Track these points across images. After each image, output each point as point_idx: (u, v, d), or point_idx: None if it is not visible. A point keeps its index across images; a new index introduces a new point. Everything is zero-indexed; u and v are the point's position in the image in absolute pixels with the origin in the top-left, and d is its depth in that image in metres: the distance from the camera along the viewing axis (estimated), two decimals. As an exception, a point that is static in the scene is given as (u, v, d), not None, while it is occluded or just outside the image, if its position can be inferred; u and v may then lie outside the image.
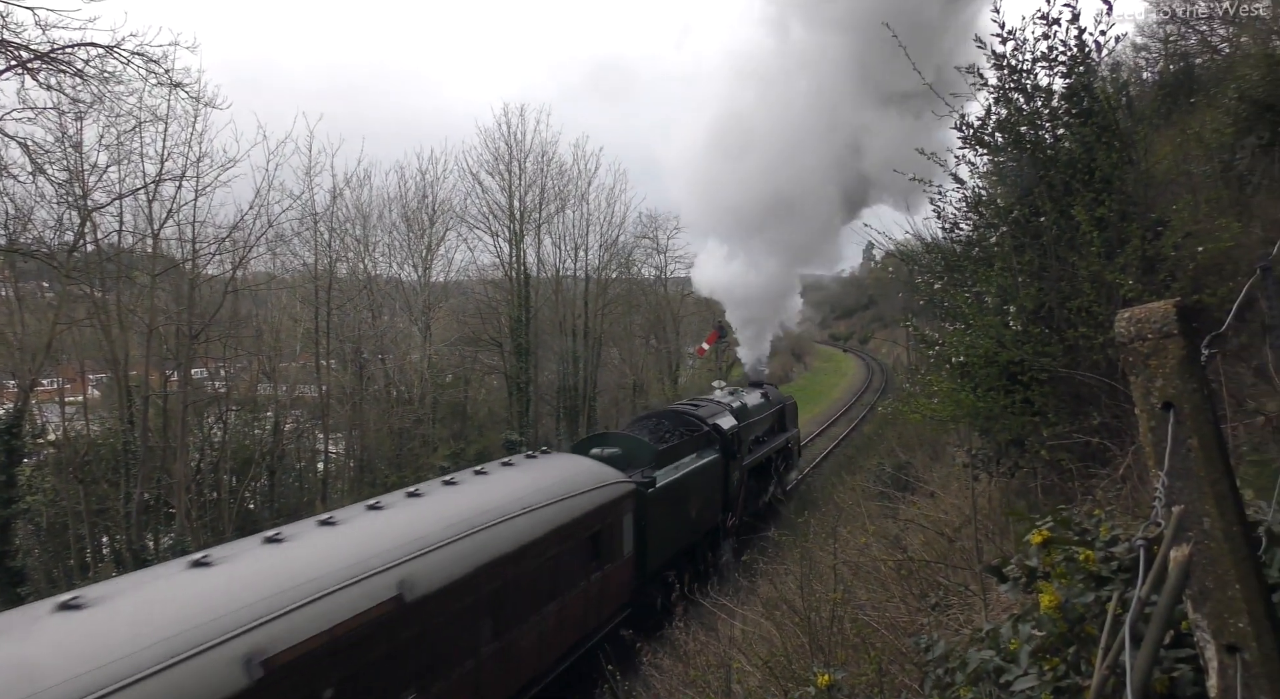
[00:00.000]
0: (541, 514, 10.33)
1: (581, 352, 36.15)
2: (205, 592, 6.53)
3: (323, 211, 26.55)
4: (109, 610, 6.06)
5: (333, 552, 7.68)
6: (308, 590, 6.87)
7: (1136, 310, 1.85)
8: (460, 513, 9.34)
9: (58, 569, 18.95)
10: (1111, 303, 6.68)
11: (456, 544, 8.72)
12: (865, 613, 6.68)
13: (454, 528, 8.91)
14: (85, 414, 21.52)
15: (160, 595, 6.46)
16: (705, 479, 16.41)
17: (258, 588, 6.68)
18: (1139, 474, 5.27)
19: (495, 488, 10.62)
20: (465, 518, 9.23)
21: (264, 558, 7.40)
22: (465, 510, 9.45)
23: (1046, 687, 2.57)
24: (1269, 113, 8.99)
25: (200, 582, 6.72)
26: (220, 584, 6.69)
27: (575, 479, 11.82)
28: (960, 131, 8.06)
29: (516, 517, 9.89)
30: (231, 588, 6.64)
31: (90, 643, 5.59)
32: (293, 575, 7.00)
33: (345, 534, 8.21)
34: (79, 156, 18.44)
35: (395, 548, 8.01)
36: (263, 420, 24.76)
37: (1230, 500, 1.74)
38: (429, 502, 9.70)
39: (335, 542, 7.98)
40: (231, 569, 7.02)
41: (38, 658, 5.36)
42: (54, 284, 20.91)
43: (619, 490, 12.57)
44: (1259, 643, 1.66)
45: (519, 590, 9.76)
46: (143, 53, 14.49)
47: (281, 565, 7.22)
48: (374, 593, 7.34)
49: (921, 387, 9.01)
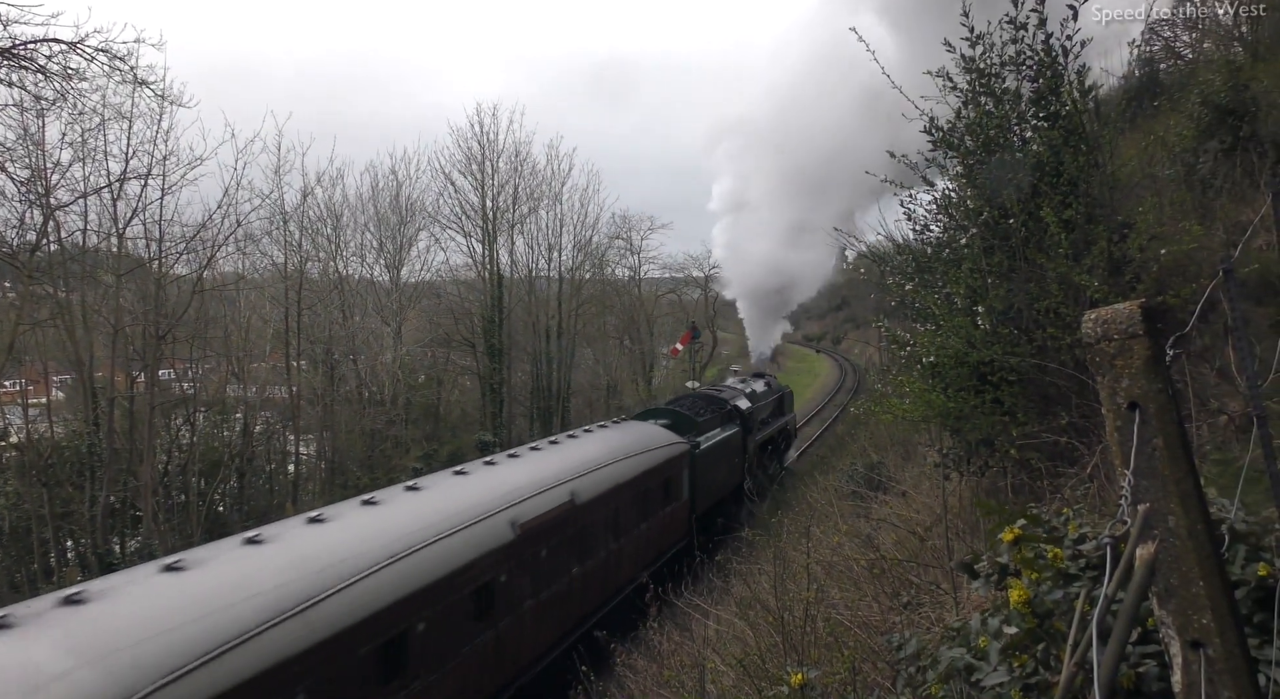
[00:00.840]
0: (638, 459, 14.68)
1: (555, 352, 36.07)
2: (486, 486, 10.77)
3: (293, 211, 26.30)
4: (440, 493, 10.21)
5: (534, 471, 11.92)
6: (533, 489, 11.09)
7: (1103, 311, 1.87)
8: (593, 453, 13.75)
9: (20, 573, 18.56)
10: (1079, 304, 6.78)
11: (598, 472, 13.04)
12: (838, 612, 6.72)
13: (594, 461, 13.26)
14: (49, 416, 21.12)
15: (465, 487, 10.72)
16: (730, 448, 20.24)
17: (511, 485, 10.89)
18: (1106, 473, 5.35)
19: (609, 439, 15.14)
20: (598, 456, 13.64)
21: (495, 473, 11.65)
22: (596, 452, 13.85)
23: (1016, 683, 2.61)
24: (1230, 118, 9.16)
25: (482, 480, 11.15)
26: (493, 482, 11.03)
27: (652, 438, 16.03)
28: (930, 134, 8.13)
29: (629, 458, 14.33)
30: (496, 484, 10.90)
31: (434, 510, 9.39)
32: (523, 479, 11.35)
33: (536, 462, 12.67)
34: (41, 154, 18.13)
35: (566, 471, 12.37)
36: (232, 422, 24.45)
37: (1194, 499, 1.77)
38: (575, 445, 14.36)
39: (531, 467, 12.22)
40: (492, 474, 11.50)
41: (398, 520, 8.92)
42: (15, 284, 20.49)
43: (679, 449, 16.71)
44: (1222, 639, 1.69)
45: (626, 510, 13.93)
46: (107, 49, 14.24)
47: (510, 476, 11.42)
48: (560, 497, 11.54)
49: (893, 387, 9.08)
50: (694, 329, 41.15)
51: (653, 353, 46.96)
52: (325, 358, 27.26)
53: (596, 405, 39.51)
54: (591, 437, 15.32)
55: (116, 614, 6.00)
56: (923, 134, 8.15)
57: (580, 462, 13.06)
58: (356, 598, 7.24)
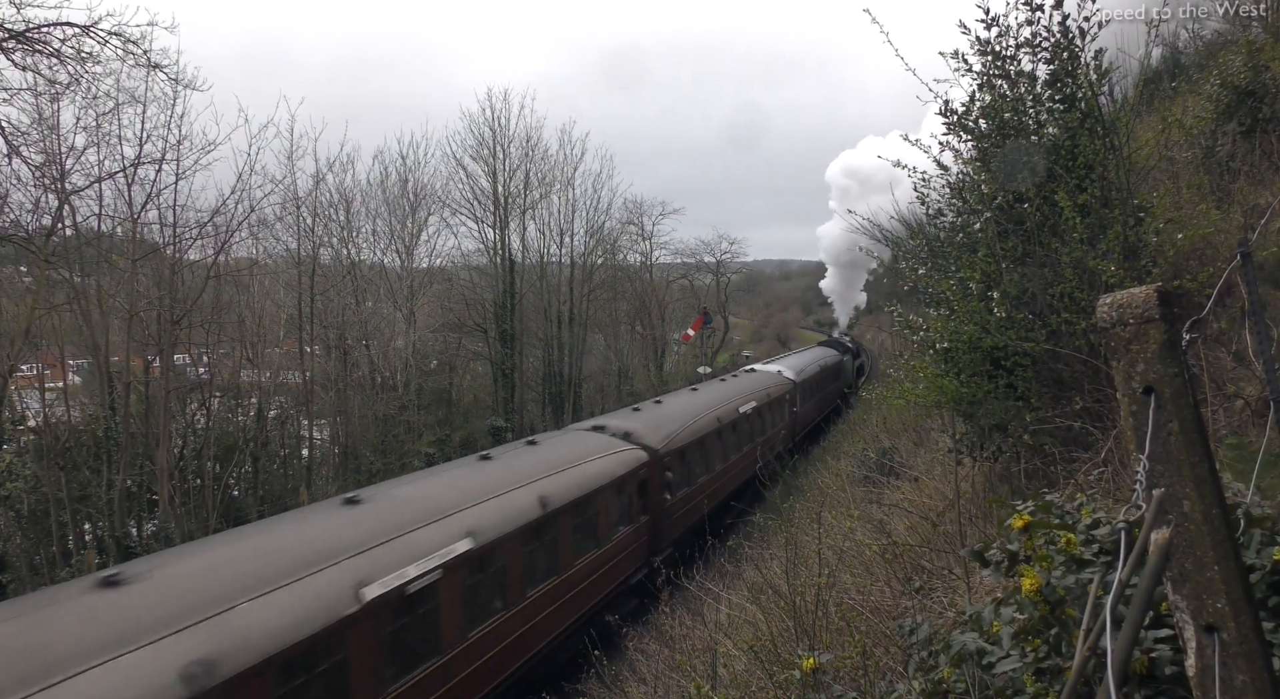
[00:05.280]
0: (833, 358, 36.98)
1: (567, 338, 36.09)
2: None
3: (305, 196, 26.35)
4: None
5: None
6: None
7: (1118, 296, 1.86)
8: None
9: (39, 556, 18.80)
10: (1093, 288, 6.72)
11: (821, 367, 32.17)
12: (850, 597, 6.73)
13: (817, 359, 33.52)
14: (66, 400, 21.31)
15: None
16: (848, 365, 40.35)
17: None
18: (1120, 458, 5.32)
19: (816, 351, 36.82)
20: (819, 357, 34.62)
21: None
22: (815, 355, 34.05)
23: (1028, 668, 2.61)
24: (1250, 99, 9.04)
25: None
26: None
27: (833, 353, 38.19)
28: (944, 117, 8.06)
29: (827, 359, 35.03)
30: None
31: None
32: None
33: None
34: (56, 139, 18.22)
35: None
36: (246, 407, 24.61)
37: (1210, 483, 1.76)
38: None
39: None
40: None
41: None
42: (32, 269, 20.64)
43: (847, 356, 40.39)
44: (1236, 623, 1.69)
45: (831, 380, 33.49)
46: (120, 33, 14.29)
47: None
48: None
49: (906, 372, 9.05)
50: (706, 315, 41.09)
51: (664, 338, 46.95)
52: (338, 343, 27.36)
53: (608, 391, 39.57)
54: (808, 352, 36.41)
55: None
56: (938, 116, 8.09)
57: (813, 358, 32.96)
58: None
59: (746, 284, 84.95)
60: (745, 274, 78.86)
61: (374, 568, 8.24)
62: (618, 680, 9.81)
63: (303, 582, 7.58)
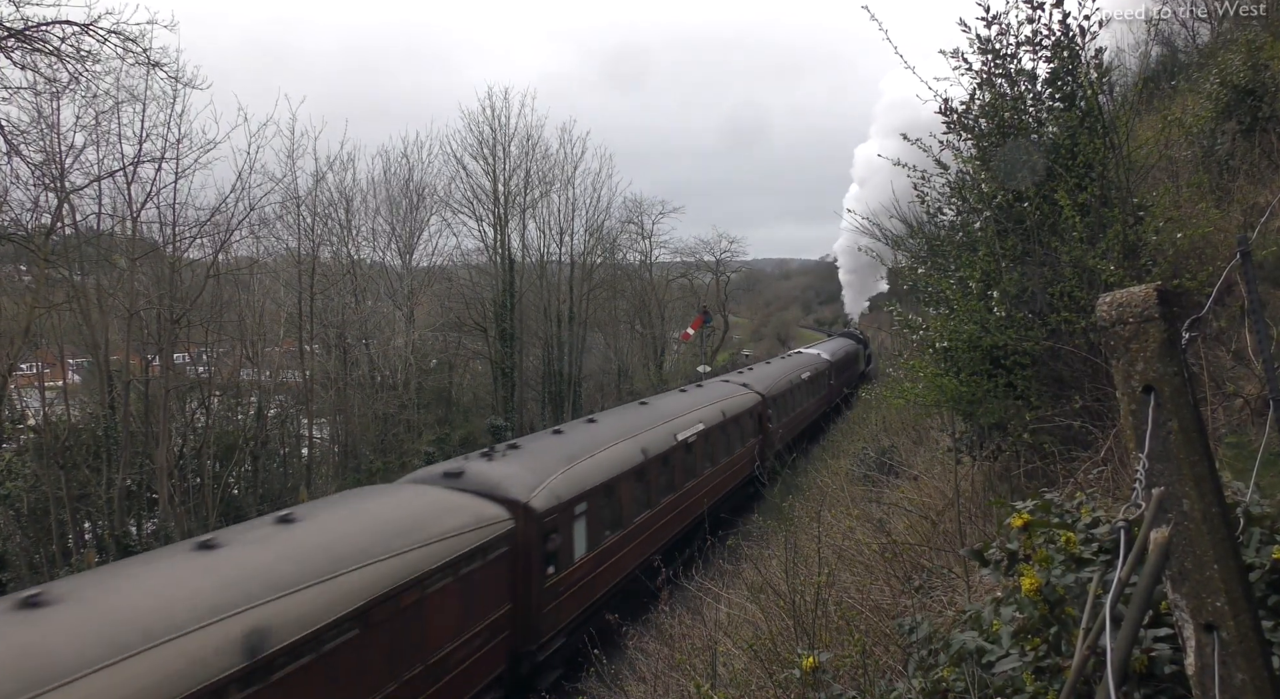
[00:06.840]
0: (851, 347, 45.08)
1: (566, 337, 36.09)
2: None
3: (305, 195, 26.34)
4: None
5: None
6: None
7: (1118, 295, 1.86)
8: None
9: (39, 555, 18.79)
10: (1093, 287, 6.72)
11: (840, 356, 39.38)
12: (849, 596, 6.73)
13: (839, 349, 40.97)
14: (65, 399, 21.30)
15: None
16: (862, 353, 47.58)
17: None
18: (1120, 456, 5.32)
19: (837, 342, 45.24)
20: (840, 346, 42.63)
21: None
22: (837, 345, 42.59)
23: (1027, 667, 2.61)
24: (1249, 98, 9.04)
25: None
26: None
27: (852, 342, 46.96)
28: (944, 116, 8.06)
29: (847, 349, 43.30)
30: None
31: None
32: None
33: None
34: (55, 137, 18.19)
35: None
36: (246, 406, 24.60)
37: (1209, 482, 1.76)
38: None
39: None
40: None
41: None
42: (31, 267, 20.63)
43: (861, 345, 48.72)
44: (1236, 622, 1.69)
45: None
46: (119, 31, 14.29)
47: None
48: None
49: (905, 371, 9.05)
50: (705, 314, 41.11)
51: (664, 337, 46.95)
52: (338, 342, 27.35)
53: (607, 390, 39.56)
54: (834, 340, 46.19)
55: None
56: (937, 115, 8.09)
57: (839, 345, 42.55)
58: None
59: (746, 283, 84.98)
60: (745, 273, 78.94)
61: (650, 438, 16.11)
62: (617, 679, 9.81)
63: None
